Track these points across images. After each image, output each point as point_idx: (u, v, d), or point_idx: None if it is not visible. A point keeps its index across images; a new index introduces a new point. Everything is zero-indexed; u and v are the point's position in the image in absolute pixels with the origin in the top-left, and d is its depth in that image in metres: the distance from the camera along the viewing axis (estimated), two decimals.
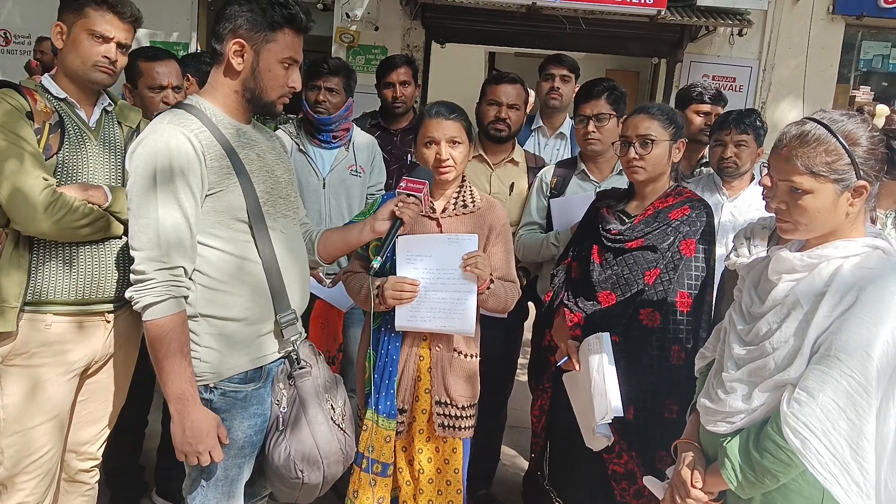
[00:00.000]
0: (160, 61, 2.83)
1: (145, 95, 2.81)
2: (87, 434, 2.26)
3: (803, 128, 1.54)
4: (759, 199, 2.53)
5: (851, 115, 1.55)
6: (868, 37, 7.54)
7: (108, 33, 2.10)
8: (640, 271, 2.35)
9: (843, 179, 1.50)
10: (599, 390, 2.25)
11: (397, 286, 2.20)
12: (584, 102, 3.00)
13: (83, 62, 2.09)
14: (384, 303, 2.22)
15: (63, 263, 2.07)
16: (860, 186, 1.51)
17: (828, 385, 1.42)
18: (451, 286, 2.21)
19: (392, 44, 7.21)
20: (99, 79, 2.13)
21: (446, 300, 2.22)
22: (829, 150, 1.50)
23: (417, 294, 2.21)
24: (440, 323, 2.23)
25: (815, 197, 1.52)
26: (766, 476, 1.52)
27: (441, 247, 2.22)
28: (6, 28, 7.32)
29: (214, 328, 1.84)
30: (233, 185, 1.85)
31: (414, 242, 2.24)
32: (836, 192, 1.51)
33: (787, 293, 1.56)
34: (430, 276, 2.22)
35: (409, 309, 2.23)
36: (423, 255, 2.23)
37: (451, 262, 2.21)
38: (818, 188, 1.51)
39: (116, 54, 2.13)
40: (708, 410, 1.69)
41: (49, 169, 2.02)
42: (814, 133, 1.52)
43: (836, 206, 1.52)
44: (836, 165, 1.50)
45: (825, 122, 1.52)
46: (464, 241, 2.22)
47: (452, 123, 2.32)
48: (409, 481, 2.37)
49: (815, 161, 1.50)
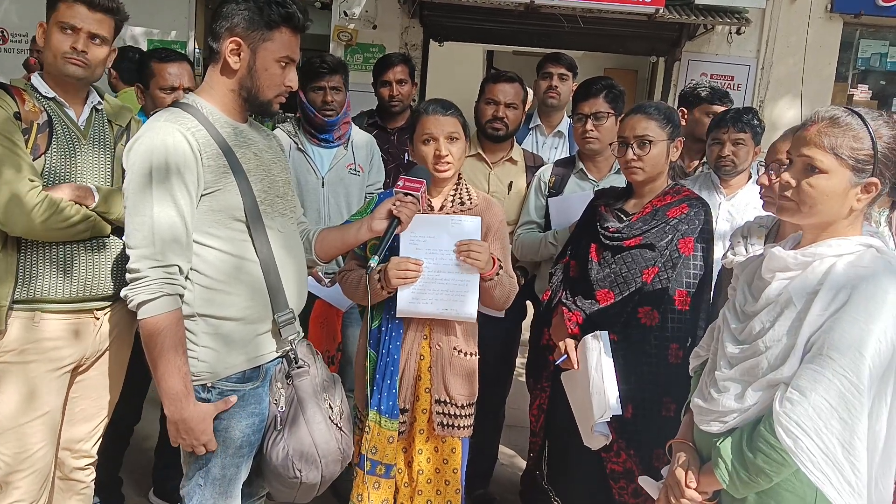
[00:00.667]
0: (172, 63, 2.86)
1: (157, 96, 2.84)
2: (80, 431, 2.26)
3: (836, 112, 1.55)
4: (757, 197, 2.53)
5: (884, 114, 1.56)
6: (866, 35, 7.54)
7: (76, 24, 2.07)
8: (639, 270, 2.35)
9: (860, 170, 1.50)
10: (597, 389, 2.25)
11: (401, 265, 2.17)
12: (582, 101, 3.01)
13: (54, 55, 2.08)
14: (387, 286, 2.19)
15: (53, 262, 2.07)
16: (872, 183, 1.50)
17: (820, 384, 1.42)
18: (454, 268, 2.20)
19: (390, 42, 7.20)
20: (70, 71, 2.09)
21: (448, 282, 2.20)
22: (858, 137, 1.50)
23: (421, 274, 2.20)
24: (442, 306, 2.21)
25: (829, 178, 1.52)
26: (760, 476, 1.52)
27: (444, 228, 2.21)
28: (3, 26, 7.30)
29: (212, 328, 1.84)
30: (230, 184, 1.85)
31: (417, 223, 2.22)
32: (850, 180, 1.51)
33: (781, 291, 1.56)
34: (432, 257, 2.20)
35: (411, 291, 2.21)
36: (426, 235, 2.21)
37: (452, 244, 2.20)
38: (836, 170, 1.51)
39: (86, 44, 2.08)
40: (701, 410, 1.69)
41: (37, 170, 2.02)
42: (846, 119, 1.52)
43: (846, 196, 1.52)
44: (859, 154, 1.50)
45: (859, 112, 1.53)
46: (465, 223, 2.21)
47: (449, 119, 2.32)
48: (408, 482, 2.37)
49: (842, 143, 1.51)
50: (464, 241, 2.18)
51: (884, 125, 1.52)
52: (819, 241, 1.57)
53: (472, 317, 2.26)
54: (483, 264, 2.18)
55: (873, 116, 1.53)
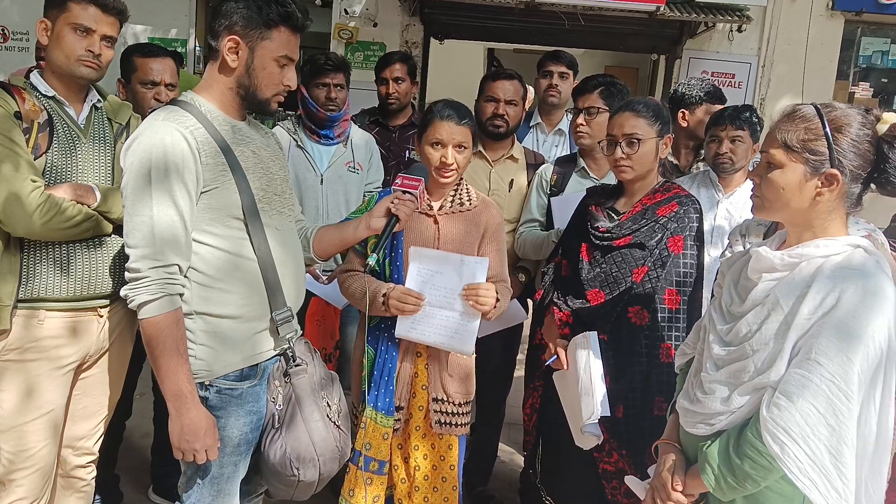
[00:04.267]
0: (156, 58, 2.82)
1: (137, 91, 2.80)
2: (82, 429, 2.26)
3: (797, 106, 1.56)
4: None
5: (855, 109, 1.53)
6: (868, 33, 7.52)
7: (91, 26, 2.08)
8: (629, 269, 2.33)
9: (814, 162, 1.49)
10: (586, 389, 2.24)
11: (402, 297, 2.20)
12: (578, 96, 3.03)
13: (67, 57, 2.08)
14: (388, 310, 2.22)
15: (56, 261, 2.07)
16: (831, 174, 1.48)
17: (808, 390, 1.41)
18: (457, 306, 2.22)
19: (391, 40, 7.18)
20: (84, 73, 2.11)
21: (449, 319, 2.22)
22: (809, 129, 1.50)
23: (421, 308, 2.21)
24: (440, 340, 2.24)
25: (783, 172, 1.52)
26: (747, 481, 1.51)
27: (452, 266, 2.22)
28: (4, 25, 7.30)
29: (209, 326, 1.84)
30: (228, 182, 1.85)
31: (426, 256, 2.24)
32: (804, 173, 1.50)
33: (768, 293, 1.54)
34: (437, 293, 2.23)
35: (411, 321, 2.23)
36: (434, 270, 2.23)
37: (459, 284, 2.21)
38: (788, 164, 1.51)
39: (101, 47, 2.11)
40: (687, 412, 1.68)
41: (38, 169, 2.02)
42: (801, 111, 1.53)
43: (802, 189, 1.51)
44: (811, 145, 1.49)
45: (817, 105, 1.53)
46: (474, 265, 2.22)
47: (462, 129, 2.32)
48: (405, 479, 2.37)
49: (793, 136, 1.51)
50: (472, 286, 2.19)
51: (849, 118, 1.50)
52: (803, 240, 1.55)
53: (469, 353, 2.29)
54: (489, 308, 2.21)
55: (836, 108, 1.51)
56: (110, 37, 2.14)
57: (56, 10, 2.08)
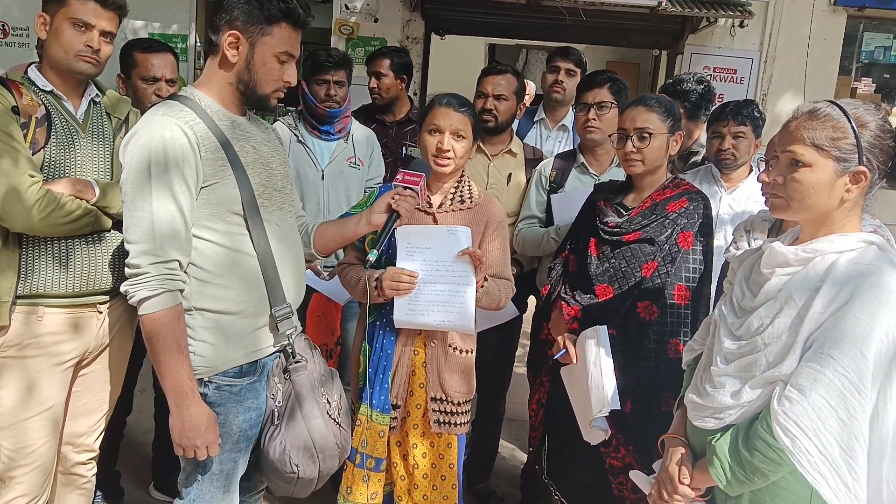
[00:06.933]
0: (156, 53, 2.81)
1: (138, 86, 2.78)
2: (82, 426, 2.26)
3: (816, 105, 1.54)
4: (758, 190, 2.52)
5: (868, 104, 1.55)
6: (870, 28, 7.50)
7: (90, 21, 2.06)
8: (638, 264, 2.34)
9: (844, 159, 1.49)
10: (596, 384, 2.25)
11: (395, 276, 2.19)
12: (586, 91, 2.99)
13: (66, 52, 2.07)
14: (382, 294, 2.20)
15: (55, 257, 2.06)
16: (860, 172, 1.49)
17: (820, 383, 1.40)
18: (450, 278, 2.20)
19: (391, 35, 7.17)
20: (83, 69, 2.10)
21: (444, 292, 2.21)
22: (837, 128, 1.49)
23: (415, 286, 2.20)
24: (439, 317, 2.22)
25: (812, 171, 1.51)
26: (756, 475, 1.51)
27: (440, 238, 2.21)
28: (4, 20, 7.28)
29: (209, 322, 1.84)
30: (227, 178, 1.84)
31: (413, 234, 2.22)
32: (835, 171, 1.50)
33: (781, 287, 1.54)
34: (428, 267, 2.21)
35: (408, 302, 2.22)
36: (422, 246, 2.22)
37: (448, 255, 2.20)
38: (818, 162, 1.50)
39: (100, 43, 2.10)
40: (695, 406, 1.67)
41: (36, 164, 2.01)
42: (825, 110, 1.52)
43: (833, 187, 1.50)
44: (840, 143, 1.49)
45: (839, 103, 1.52)
46: (460, 234, 2.21)
47: (460, 116, 2.31)
48: (404, 476, 2.37)
49: (821, 135, 1.50)
50: (466, 250, 2.17)
51: (865, 113, 1.50)
52: (818, 236, 1.55)
53: (469, 328, 2.26)
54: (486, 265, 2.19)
55: (854, 105, 1.52)
56: (109, 32, 2.13)
57: (55, 5, 2.06)
